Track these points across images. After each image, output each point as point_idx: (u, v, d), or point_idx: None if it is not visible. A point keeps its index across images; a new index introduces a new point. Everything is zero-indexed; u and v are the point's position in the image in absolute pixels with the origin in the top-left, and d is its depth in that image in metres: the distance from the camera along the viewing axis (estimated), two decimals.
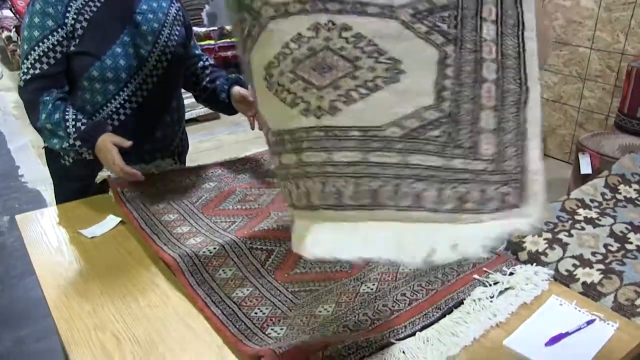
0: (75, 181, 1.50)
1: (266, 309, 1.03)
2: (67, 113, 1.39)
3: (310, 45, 0.74)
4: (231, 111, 1.64)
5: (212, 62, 1.72)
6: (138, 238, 1.29)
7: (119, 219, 1.37)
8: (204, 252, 1.18)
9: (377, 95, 0.75)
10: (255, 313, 1.02)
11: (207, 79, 1.66)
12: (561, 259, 1.94)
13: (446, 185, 0.72)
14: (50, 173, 1.62)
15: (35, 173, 3.54)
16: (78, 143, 1.37)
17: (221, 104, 1.63)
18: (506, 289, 1.11)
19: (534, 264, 1.23)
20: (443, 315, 1.03)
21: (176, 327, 1.01)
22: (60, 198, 1.59)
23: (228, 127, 4.22)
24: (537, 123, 0.76)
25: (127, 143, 1.37)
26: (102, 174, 1.47)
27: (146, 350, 0.95)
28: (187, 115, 4.26)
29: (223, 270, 1.14)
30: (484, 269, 1.16)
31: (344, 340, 0.90)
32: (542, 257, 1.95)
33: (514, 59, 0.79)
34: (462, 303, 1.06)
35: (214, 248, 1.19)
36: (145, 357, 0.94)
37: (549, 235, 2.03)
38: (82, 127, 1.38)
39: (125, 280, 1.15)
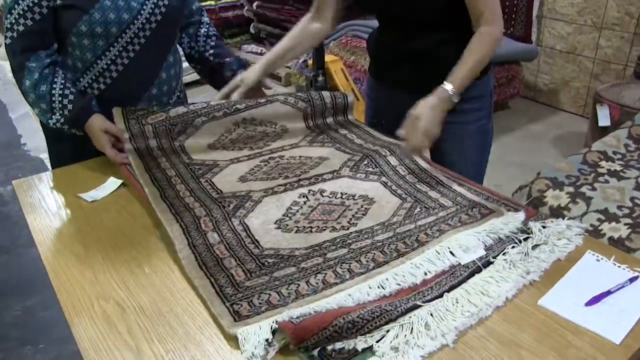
0: (69, 142, 1.42)
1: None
2: (54, 86, 1.32)
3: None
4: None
5: (214, 31, 1.65)
6: (141, 201, 1.21)
7: (120, 181, 1.29)
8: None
9: None
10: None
11: (212, 51, 1.60)
12: (585, 213, 1.86)
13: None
14: (44, 133, 1.54)
15: (38, 141, 3.46)
16: (66, 127, 1.34)
17: (220, 80, 1.60)
18: (537, 245, 1.03)
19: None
20: (472, 274, 0.95)
21: (184, 294, 0.94)
22: (55, 162, 1.51)
23: None
24: None
25: (121, 134, 1.34)
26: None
27: (152, 319, 0.89)
28: (189, 78, 4.16)
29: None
30: None
31: (365, 306, 0.83)
32: (565, 212, 1.87)
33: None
34: (492, 262, 0.98)
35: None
36: (152, 327, 0.87)
37: (571, 189, 1.94)
38: (69, 107, 1.32)
39: (128, 245, 1.07)
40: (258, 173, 1.28)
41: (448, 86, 1.30)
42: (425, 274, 0.94)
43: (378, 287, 0.90)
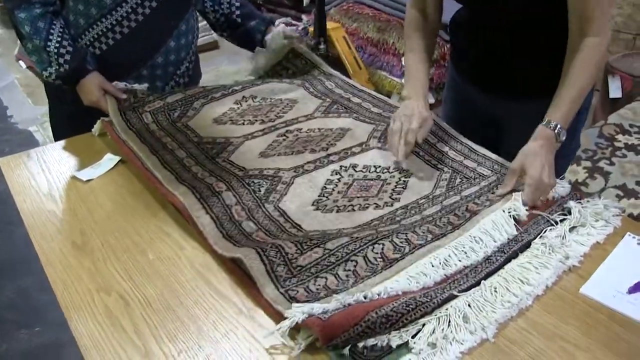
0: (68, 105, 1.34)
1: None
2: (48, 43, 1.23)
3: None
4: None
5: None
6: (141, 179, 1.11)
7: (118, 158, 1.18)
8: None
9: None
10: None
11: (238, 12, 1.51)
12: (604, 189, 1.79)
13: None
14: (46, 92, 1.46)
15: (25, 113, 3.31)
16: (58, 82, 1.27)
17: (253, 44, 1.53)
18: (573, 228, 0.95)
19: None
20: (508, 260, 0.87)
21: (194, 284, 0.86)
22: (54, 120, 1.47)
23: (228, 56, 3.97)
24: None
25: (122, 95, 1.30)
26: (98, 126, 1.30)
27: (160, 313, 0.80)
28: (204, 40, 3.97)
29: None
30: (547, 204, 1.00)
31: (399, 298, 0.75)
32: (583, 188, 1.79)
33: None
34: (529, 245, 0.90)
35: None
36: (160, 323, 0.79)
37: (588, 164, 1.86)
38: (65, 66, 1.25)
39: (129, 229, 0.98)
40: (279, 147, 1.19)
41: (552, 123, 1.02)
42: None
43: (441, 264, 0.84)
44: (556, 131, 1.02)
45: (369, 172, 1.10)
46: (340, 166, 1.12)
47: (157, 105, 1.30)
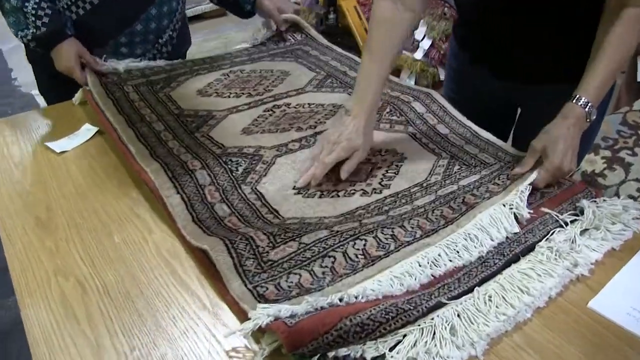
0: (48, 66, 1.27)
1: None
2: (26, 2, 1.16)
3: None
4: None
5: None
6: (118, 152, 1.04)
7: (96, 129, 1.11)
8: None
9: None
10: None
11: None
12: (623, 182, 1.67)
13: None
14: (27, 57, 1.40)
15: (29, 76, 3.22)
16: (33, 44, 1.20)
17: (244, 14, 1.50)
18: (585, 230, 0.85)
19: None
20: (507, 264, 0.78)
21: (157, 272, 0.78)
22: (40, 84, 1.46)
23: (236, 24, 3.87)
24: None
25: (97, 67, 1.24)
26: (79, 94, 1.24)
27: (118, 304, 0.73)
28: (191, 12, 3.90)
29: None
30: (556, 201, 0.90)
31: (378, 304, 0.67)
32: (600, 180, 1.67)
33: None
34: (533, 248, 0.81)
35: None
36: (116, 314, 0.71)
37: (607, 153, 1.74)
38: (42, 28, 1.17)
39: (98, 208, 0.91)
40: (264, 124, 1.10)
41: (582, 100, 0.92)
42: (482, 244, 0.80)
43: (429, 264, 0.75)
44: (587, 109, 0.92)
45: None
46: None
47: (139, 81, 1.23)
